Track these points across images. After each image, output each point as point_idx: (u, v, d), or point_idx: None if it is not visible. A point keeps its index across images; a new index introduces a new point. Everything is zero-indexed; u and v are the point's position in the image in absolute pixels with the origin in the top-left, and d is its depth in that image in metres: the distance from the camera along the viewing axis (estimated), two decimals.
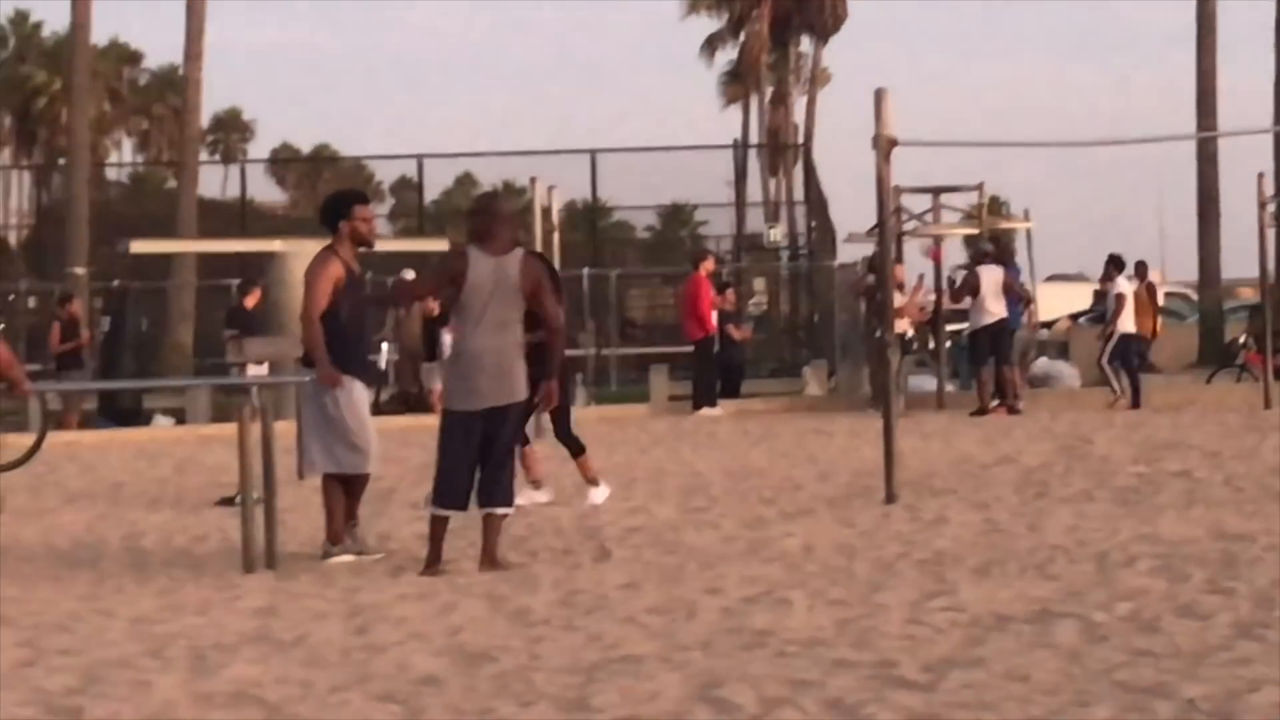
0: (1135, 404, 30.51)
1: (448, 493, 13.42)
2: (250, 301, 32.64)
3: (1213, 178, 44.44)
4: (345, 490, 14.21)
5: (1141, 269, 35.30)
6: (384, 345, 33.67)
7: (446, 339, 33.70)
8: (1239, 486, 17.85)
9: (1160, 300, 59.04)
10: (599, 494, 17.70)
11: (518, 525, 14.12)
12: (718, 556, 13.82)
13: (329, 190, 23.49)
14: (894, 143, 18.09)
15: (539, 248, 25.84)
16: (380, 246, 17.67)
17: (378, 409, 28.49)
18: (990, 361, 30.38)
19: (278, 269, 32.45)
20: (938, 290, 34.33)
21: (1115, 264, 33.78)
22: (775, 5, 71.03)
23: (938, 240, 33.49)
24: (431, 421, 15.87)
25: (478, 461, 13.41)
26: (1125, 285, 32.75)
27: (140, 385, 30.35)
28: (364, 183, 62.29)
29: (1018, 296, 31.90)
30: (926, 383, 33.66)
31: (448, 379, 13.97)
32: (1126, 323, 32.09)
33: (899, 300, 27.69)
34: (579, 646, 10.14)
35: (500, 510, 13.41)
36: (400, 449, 21.32)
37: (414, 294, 14.04)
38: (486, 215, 13.80)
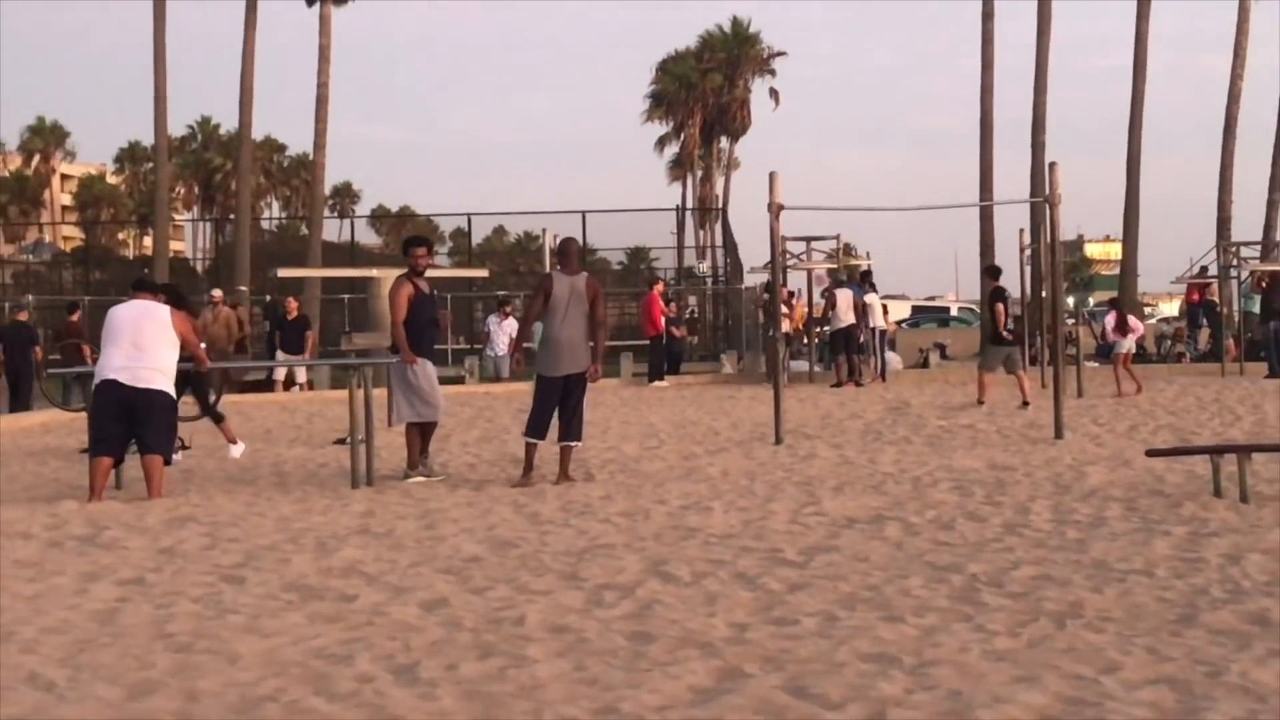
0: (857, 382, 29.57)
1: (535, 427, 13.85)
2: (291, 308, 31.74)
3: (990, 231, 44.57)
4: (420, 433, 14.29)
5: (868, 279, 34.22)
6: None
7: (498, 330, 33.78)
8: (1006, 435, 17.87)
9: (954, 308, 59.45)
10: (237, 450, 17.27)
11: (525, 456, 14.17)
12: (664, 479, 13.84)
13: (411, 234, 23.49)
14: (781, 207, 18.24)
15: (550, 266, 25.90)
16: (443, 274, 17.70)
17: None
18: (843, 352, 30.45)
19: (375, 288, 32.21)
20: (810, 305, 34.45)
21: (863, 278, 33.35)
22: (703, 116, 70.89)
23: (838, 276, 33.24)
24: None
25: (555, 408, 13.81)
26: (874, 297, 31.98)
27: (285, 363, 30.19)
28: (431, 232, 62.16)
29: (865, 309, 31.79)
30: (801, 365, 33.66)
31: (541, 356, 14.13)
32: (843, 318, 30.63)
33: (784, 311, 27.70)
34: (572, 538, 10.21)
35: (573, 443, 13.86)
36: (456, 408, 21.28)
37: (531, 311, 14.19)
38: (564, 252, 14.40)
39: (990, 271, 24.66)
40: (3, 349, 26.97)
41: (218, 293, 30.77)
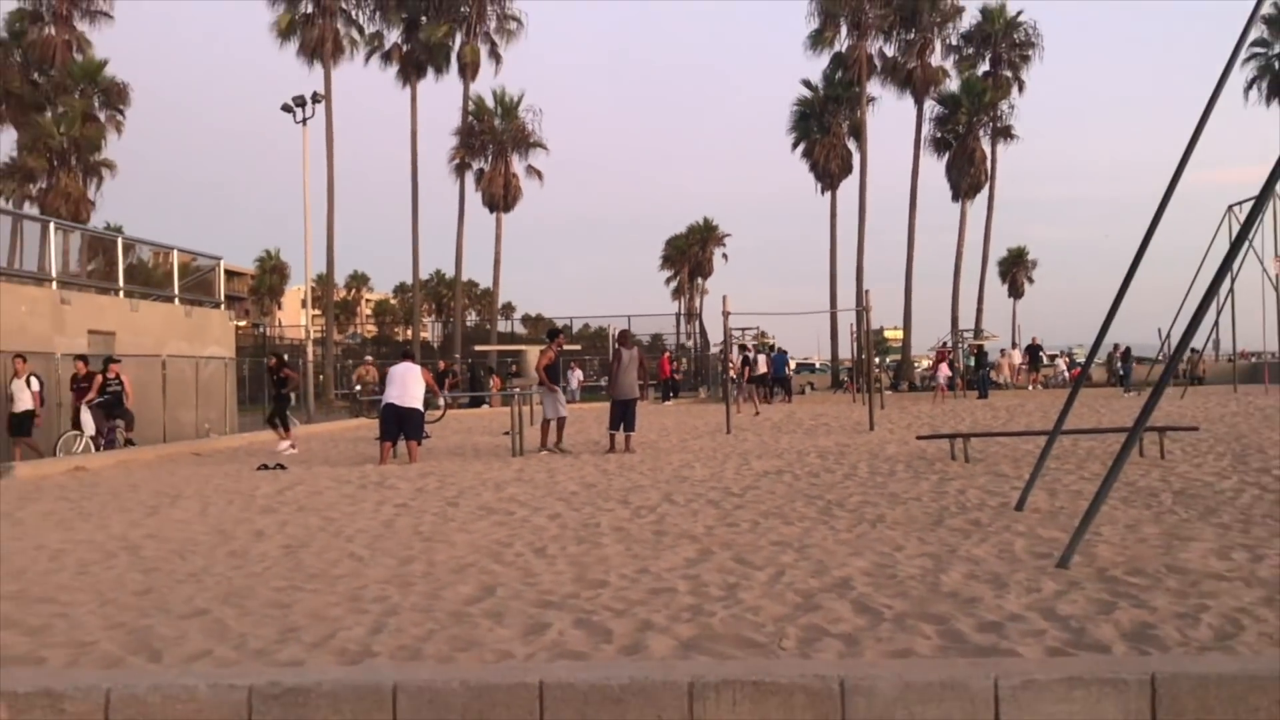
0: (769, 403, 28.32)
1: (613, 425, 13.75)
2: (443, 366, 30.58)
3: (835, 324, 44.59)
4: (554, 427, 14.07)
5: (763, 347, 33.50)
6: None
7: (571, 376, 33.96)
8: (844, 427, 17.80)
9: (818, 363, 58.95)
10: (284, 445, 15.18)
11: (604, 442, 14.10)
12: (670, 452, 13.74)
13: (547, 328, 23.27)
14: (729, 313, 18.22)
15: (611, 346, 25.98)
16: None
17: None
18: (761, 387, 30.39)
19: (525, 356, 32.48)
20: (743, 362, 34.35)
21: (769, 349, 33.04)
22: (689, 268, 70.95)
23: (758, 348, 33.06)
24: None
25: (623, 416, 13.69)
26: (762, 358, 30.48)
27: (478, 394, 30.21)
28: (547, 325, 62.25)
29: (782, 365, 31.68)
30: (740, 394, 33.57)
31: (616, 389, 13.69)
32: (761, 368, 29.78)
33: (732, 366, 27.70)
34: (624, 482, 10.15)
35: (632, 433, 13.79)
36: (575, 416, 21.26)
37: (613, 370, 14.00)
38: (625, 336, 14.48)
39: (744, 348, 25.58)
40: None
41: (369, 357, 30.98)
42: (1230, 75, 6.76)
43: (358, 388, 27.44)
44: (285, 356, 18.09)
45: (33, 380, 14.45)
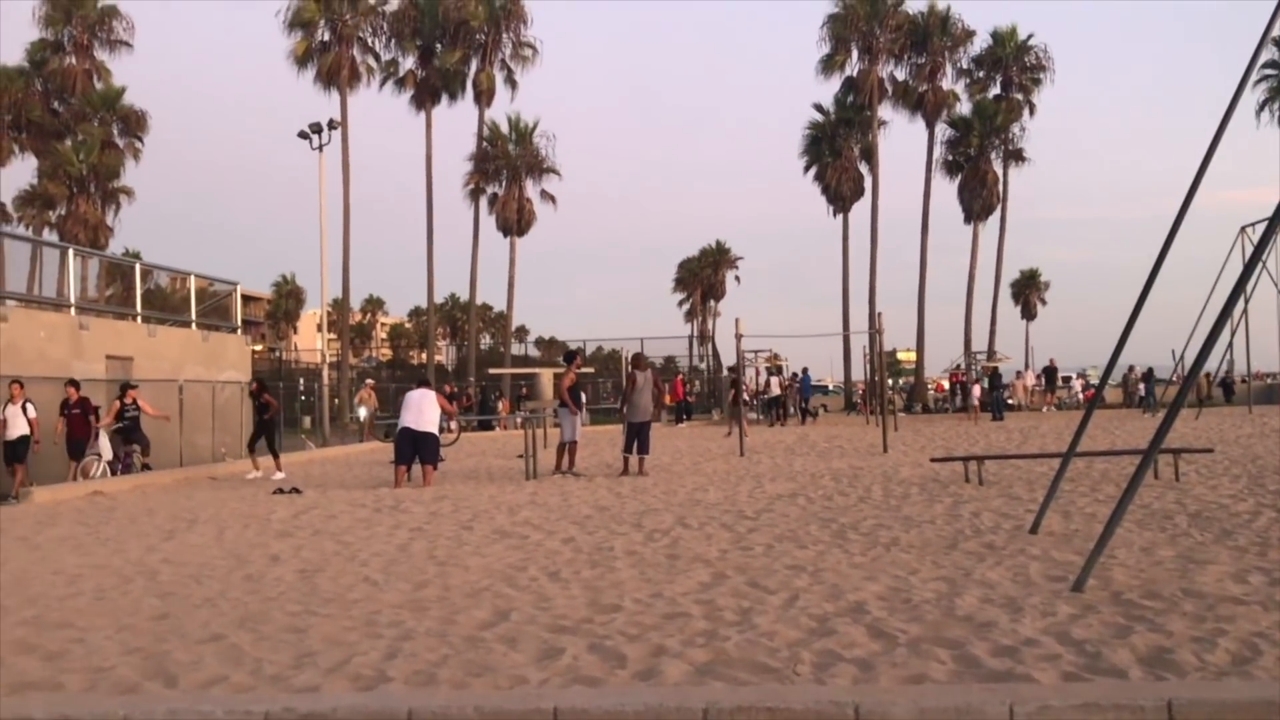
0: (781, 424, 28.61)
1: (627, 448, 13.73)
2: (449, 389, 29.98)
3: (848, 346, 44.36)
4: (567, 450, 14.10)
5: (778, 369, 33.43)
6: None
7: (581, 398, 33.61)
8: (857, 449, 17.70)
9: (831, 385, 58.88)
10: (278, 475, 14.77)
11: (617, 464, 14.07)
12: (684, 475, 13.69)
13: (562, 351, 23.05)
14: (741, 335, 18.22)
15: (624, 369, 25.95)
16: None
17: None
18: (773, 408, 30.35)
19: (539, 379, 32.42)
20: (755, 385, 34.31)
21: (778, 370, 32.87)
22: (701, 290, 70.95)
23: (771, 369, 33.09)
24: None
25: (636, 438, 13.67)
26: (775, 380, 31.18)
27: (489, 417, 30.18)
28: (560, 348, 62.16)
29: (794, 386, 31.71)
30: (752, 415, 33.48)
31: (630, 411, 13.68)
32: (774, 390, 30.21)
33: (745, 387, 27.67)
34: (638, 505, 10.13)
35: (645, 456, 13.71)
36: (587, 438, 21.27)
37: (628, 391, 13.99)
38: (639, 359, 14.48)
39: (732, 369, 24.76)
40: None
41: (370, 381, 30.80)
42: (1241, 97, 6.76)
43: (360, 410, 27.39)
44: (266, 382, 17.22)
45: (29, 407, 14.11)
